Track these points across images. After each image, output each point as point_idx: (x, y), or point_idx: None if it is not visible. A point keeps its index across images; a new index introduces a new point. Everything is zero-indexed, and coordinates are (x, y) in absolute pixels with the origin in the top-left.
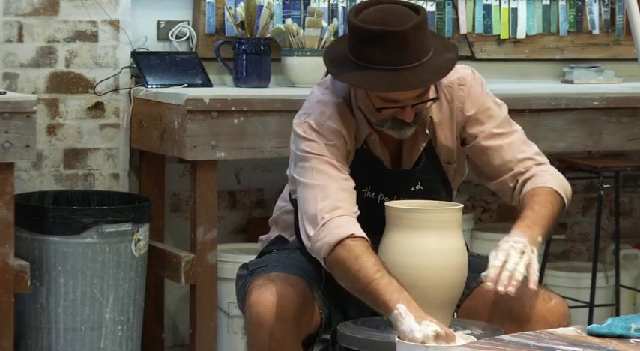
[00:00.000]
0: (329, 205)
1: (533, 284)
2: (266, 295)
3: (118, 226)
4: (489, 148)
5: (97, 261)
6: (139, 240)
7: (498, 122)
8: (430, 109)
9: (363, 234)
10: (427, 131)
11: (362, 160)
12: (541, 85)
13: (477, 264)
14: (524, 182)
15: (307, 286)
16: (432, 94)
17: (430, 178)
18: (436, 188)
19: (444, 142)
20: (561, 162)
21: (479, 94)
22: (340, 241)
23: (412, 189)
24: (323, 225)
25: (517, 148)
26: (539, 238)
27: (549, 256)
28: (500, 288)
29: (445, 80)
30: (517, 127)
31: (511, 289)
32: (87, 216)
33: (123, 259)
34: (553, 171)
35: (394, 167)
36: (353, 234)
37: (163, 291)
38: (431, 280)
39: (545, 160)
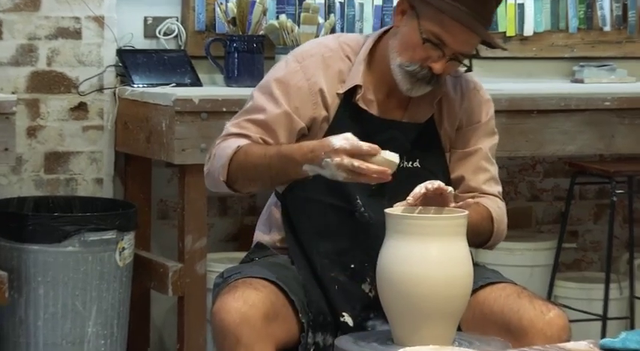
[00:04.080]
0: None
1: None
2: (229, 301)
3: (102, 234)
4: (464, 164)
5: (79, 271)
6: (123, 249)
7: (486, 152)
8: (445, 85)
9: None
10: (434, 105)
11: (350, 113)
12: (550, 84)
13: (482, 274)
14: (473, 198)
15: (279, 290)
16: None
17: (430, 158)
18: (435, 171)
19: (446, 126)
20: (571, 166)
21: (488, 110)
22: (230, 159)
23: (409, 163)
24: (214, 155)
25: (487, 182)
26: None
27: (559, 266)
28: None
29: (465, 75)
30: (495, 164)
31: (430, 187)
32: (69, 223)
33: (106, 269)
34: (504, 208)
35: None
36: (239, 146)
37: (149, 303)
38: (433, 291)
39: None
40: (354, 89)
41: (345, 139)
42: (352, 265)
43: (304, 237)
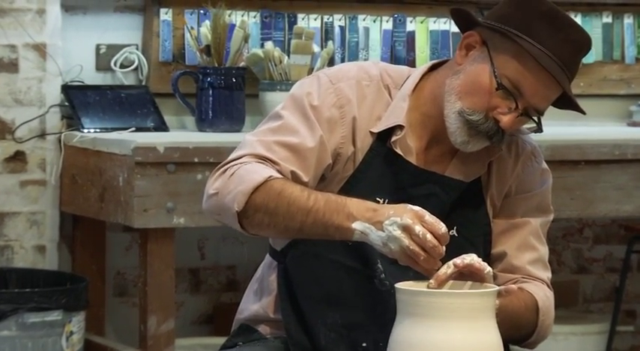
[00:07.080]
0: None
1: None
2: None
3: (45, 314)
4: (508, 238)
5: None
6: (71, 333)
7: (537, 228)
8: (502, 148)
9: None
10: (486, 165)
11: (382, 158)
12: (601, 128)
13: None
14: (516, 282)
15: None
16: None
17: (471, 226)
18: (475, 243)
19: (494, 191)
20: (628, 230)
21: (544, 180)
22: (256, 188)
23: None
24: (232, 174)
25: (534, 263)
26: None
27: None
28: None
29: (523, 136)
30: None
31: (459, 263)
32: (3, 301)
33: None
34: (552, 299)
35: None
36: (271, 176)
37: None
38: None
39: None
40: (391, 130)
41: (422, 210)
42: (364, 344)
43: (307, 304)
